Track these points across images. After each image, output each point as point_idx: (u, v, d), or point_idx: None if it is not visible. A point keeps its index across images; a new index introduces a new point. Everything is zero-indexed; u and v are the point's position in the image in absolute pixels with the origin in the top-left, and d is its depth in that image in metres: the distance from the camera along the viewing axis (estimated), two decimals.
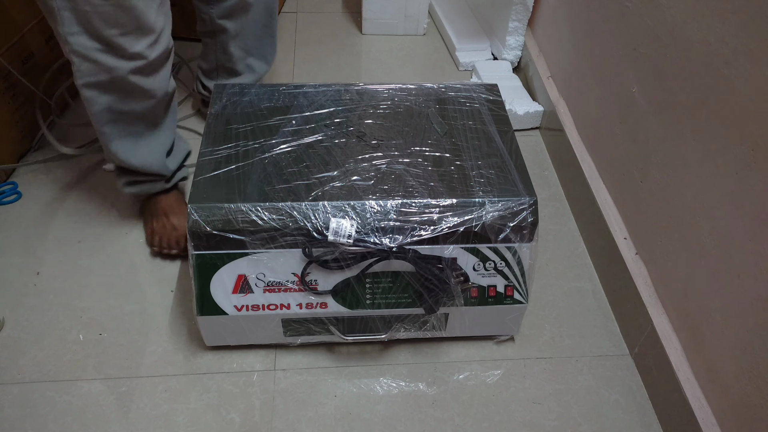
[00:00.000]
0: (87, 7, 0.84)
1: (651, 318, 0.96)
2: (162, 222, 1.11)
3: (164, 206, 1.12)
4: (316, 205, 0.84)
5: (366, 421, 0.91)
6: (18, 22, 1.24)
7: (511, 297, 0.92)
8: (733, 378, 0.80)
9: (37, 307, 1.04)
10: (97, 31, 0.87)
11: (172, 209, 1.12)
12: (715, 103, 0.82)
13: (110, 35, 0.88)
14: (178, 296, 1.06)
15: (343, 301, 0.89)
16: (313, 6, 1.87)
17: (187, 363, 0.97)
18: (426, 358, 0.99)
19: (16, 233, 1.15)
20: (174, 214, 1.12)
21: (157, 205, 1.13)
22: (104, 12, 0.85)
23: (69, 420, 0.90)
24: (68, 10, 0.84)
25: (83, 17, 0.85)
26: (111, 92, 0.95)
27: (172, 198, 1.14)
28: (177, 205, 1.13)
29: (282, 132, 0.95)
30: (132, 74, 0.93)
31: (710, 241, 0.84)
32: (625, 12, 1.05)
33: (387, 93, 1.04)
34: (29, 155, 1.31)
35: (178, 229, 1.11)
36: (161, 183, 1.11)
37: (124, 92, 0.95)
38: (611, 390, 0.97)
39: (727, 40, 0.79)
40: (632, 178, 1.04)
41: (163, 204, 1.13)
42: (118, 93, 0.95)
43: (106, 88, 0.94)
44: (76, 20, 0.86)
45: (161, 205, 1.12)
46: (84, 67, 0.90)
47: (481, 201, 0.86)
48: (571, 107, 1.32)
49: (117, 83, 0.93)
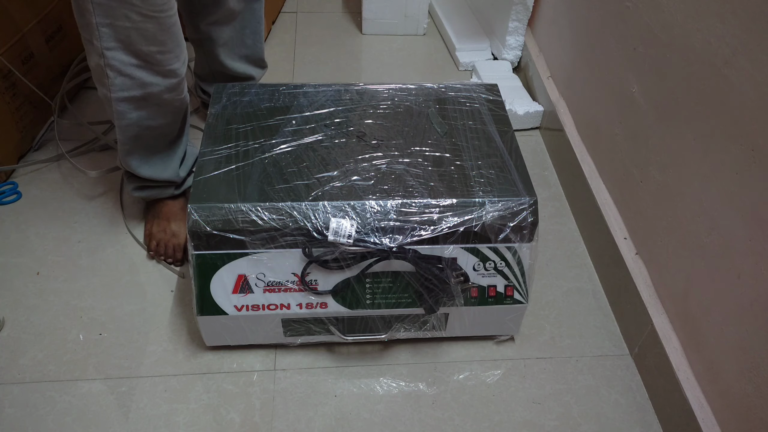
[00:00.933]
0: (127, 23, 0.84)
1: (651, 318, 0.96)
2: (162, 227, 1.11)
3: (167, 211, 1.12)
4: (316, 205, 0.84)
5: (366, 421, 0.91)
6: (18, 22, 1.24)
7: (511, 297, 0.92)
8: (733, 378, 0.80)
9: (37, 307, 1.04)
10: (136, 48, 0.87)
11: (174, 215, 1.12)
12: (715, 103, 0.82)
13: (149, 52, 0.88)
14: (178, 296, 1.06)
15: (343, 301, 0.89)
16: (313, 6, 1.87)
17: (187, 363, 0.97)
18: (426, 358, 0.99)
19: (16, 233, 1.15)
20: (176, 221, 1.12)
21: (162, 209, 1.13)
22: (144, 29, 0.86)
23: (69, 420, 0.90)
24: (107, 27, 0.84)
25: (123, 33, 0.85)
26: (143, 108, 0.95)
27: (177, 204, 1.14)
28: (180, 212, 1.13)
29: (282, 132, 0.95)
30: (168, 92, 0.94)
31: (710, 241, 0.84)
32: (625, 12, 1.05)
33: (387, 93, 1.04)
34: (29, 155, 1.31)
35: (176, 236, 1.11)
36: (171, 189, 1.12)
37: (156, 108, 0.96)
38: (611, 390, 0.97)
39: (727, 40, 0.79)
40: (632, 178, 1.04)
41: (167, 209, 1.13)
42: (150, 109, 0.96)
43: (139, 104, 0.94)
44: (116, 36, 0.86)
45: (165, 209, 1.12)
46: (119, 81, 0.90)
47: (481, 201, 0.86)
48: (571, 107, 1.32)
49: (151, 99, 0.94)
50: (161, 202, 1.13)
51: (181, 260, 1.12)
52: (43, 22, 1.30)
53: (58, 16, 1.36)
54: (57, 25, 1.36)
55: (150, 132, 1.00)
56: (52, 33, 1.34)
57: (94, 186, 1.24)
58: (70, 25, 1.40)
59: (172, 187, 1.12)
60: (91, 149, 1.32)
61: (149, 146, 1.03)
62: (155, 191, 1.11)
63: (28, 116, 1.29)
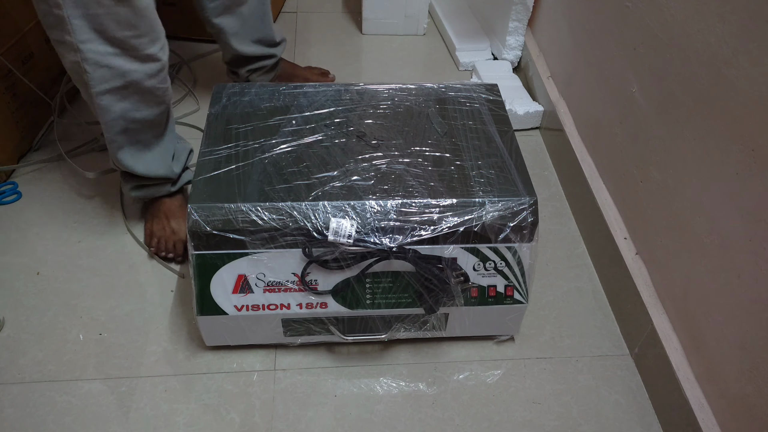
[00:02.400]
0: (100, 10, 0.84)
1: (651, 318, 0.96)
2: (162, 224, 1.11)
3: (166, 209, 1.12)
4: (316, 205, 0.84)
5: (366, 421, 0.91)
6: (18, 22, 1.24)
7: (511, 297, 0.92)
8: (733, 378, 0.80)
9: (37, 307, 1.04)
10: (111, 35, 0.87)
11: (173, 213, 1.12)
12: (715, 103, 0.82)
13: (124, 37, 0.87)
14: (178, 296, 1.06)
15: (343, 301, 0.89)
16: (313, 6, 1.87)
17: (187, 363, 0.97)
18: (426, 358, 0.99)
19: (16, 233, 1.15)
20: (174, 218, 1.12)
21: (160, 207, 1.13)
22: (117, 14, 0.85)
23: (69, 420, 0.90)
24: (80, 18, 0.84)
25: (96, 21, 0.85)
26: (126, 98, 0.95)
27: (175, 202, 1.14)
28: (179, 210, 1.13)
29: (282, 132, 0.95)
30: (149, 78, 0.93)
31: (710, 241, 0.84)
32: (625, 12, 1.05)
33: (387, 93, 1.04)
34: (29, 155, 1.31)
35: (177, 233, 1.11)
36: (168, 186, 1.12)
37: (139, 97, 0.96)
38: (611, 390, 0.97)
39: (727, 40, 0.79)
40: (632, 178, 1.04)
41: (166, 207, 1.13)
42: (132, 99, 0.95)
43: (122, 95, 0.94)
44: (89, 26, 0.85)
45: (164, 208, 1.13)
46: (98, 74, 0.90)
47: (481, 201, 0.86)
48: (571, 107, 1.32)
49: (132, 88, 0.93)
50: (159, 201, 1.13)
51: (182, 256, 1.12)
52: None
53: None
54: None
55: (136, 125, 0.99)
56: None
57: (94, 186, 1.24)
58: None
59: (168, 184, 1.11)
60: (91, 149, 1.32)
61: (138, 141, 1.03)
62: (152, 190, 1.11)
63: (28, 116, 1.29)
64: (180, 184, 1.14)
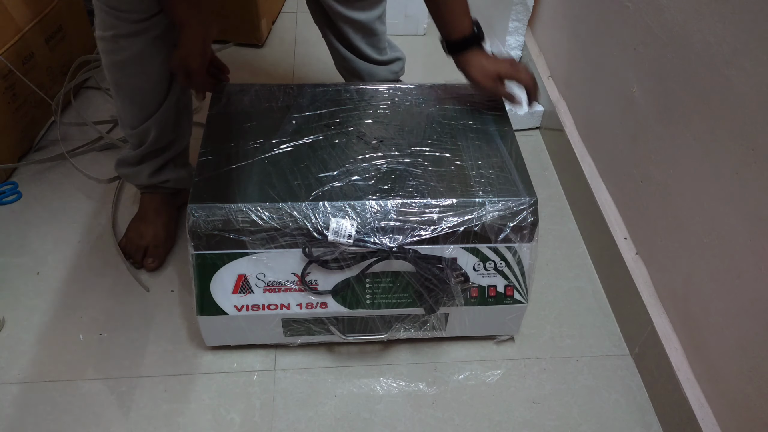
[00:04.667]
0: None
1: (651, 318, 0.96)
2: (136, 224, 1.10)
3: (142, 209, 1.10)
4: (316, 205, 0.84)
5: (366, 421, 0.91)
6: (18, 22, 1.24)
7: (511, 297, 0.92)
8: (733, 378, 0.80)
9: (37, 307, 1.04)
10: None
11: (145, 214, 1.10)
12: (715, 103, 0.82)
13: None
14: (178, 296, 1.06)
15: (343, 301, 0.89)
16: None
17: (187, 363, 0.97)
18: (426, 358, 0.99)
19: (16, 233, 1.15)
20: (145, 221, 1.09)
21: (141, 205, 1.11)
22: None
23: (69, 420, 0.90)
24: None
25: None
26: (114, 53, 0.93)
27: (153, 202, 1.10)
28: (152, 213, 1.10)
29: (282, 132, 0.95)
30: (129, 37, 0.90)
31: (710, 241, 0.84)
32: (625, 12, 1.05)
33: (387, 93, 1.04)
34: (29, 155, 1.31)
35: (143, 237, 1.09)
36: (185, 171, 1.10)
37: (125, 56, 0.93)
38: (611, 390, 0.97)
39: (727, 40, 0.79)
40: (632, 178, 1.04)
41: (143, 207, 1.10)
42: (119, 55, 0.93)
43: (128, 42, 0.91)
44: None
45: (142, 207, 1.11)
46: (98, 20, 0.90)
47: (481, 201, 0.86)
48: (571, 107, 1.32)
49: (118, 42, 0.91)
50: (144, 197, 1.11)
51: (140, 263, 1.09)
52: (43, 22, 1.31)
53: (58, 16, 1.36)
54: (57, 25, 1.36)
55: (139, 84, 0.97)
56: (52, 33, 1.34)
57: (94, 186, 1.24)
58: (70, 25, 1.40)
59: (185, 172, 1.09)
60: (92, 149, 1.32)
61: (143, 104, 0.99)
62: (171, 173, 1.08)
63: (29, 116, 1.29)
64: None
